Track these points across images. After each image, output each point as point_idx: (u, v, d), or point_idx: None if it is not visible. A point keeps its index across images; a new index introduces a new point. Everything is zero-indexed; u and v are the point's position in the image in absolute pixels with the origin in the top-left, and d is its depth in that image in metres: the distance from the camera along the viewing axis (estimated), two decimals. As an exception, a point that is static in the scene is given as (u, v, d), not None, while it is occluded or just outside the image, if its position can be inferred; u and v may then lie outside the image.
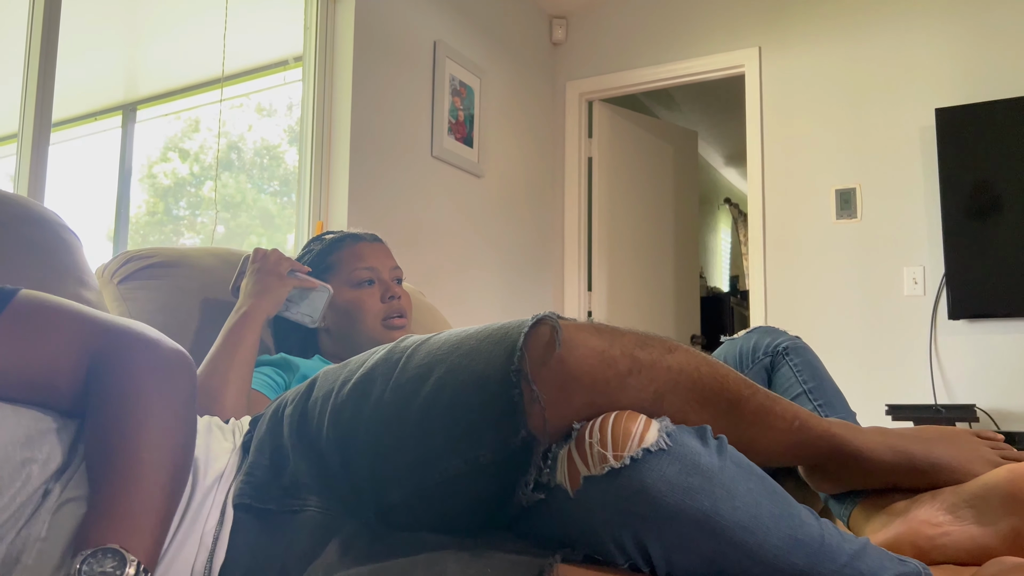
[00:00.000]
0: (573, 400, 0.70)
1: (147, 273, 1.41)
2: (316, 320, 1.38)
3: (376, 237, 1.54)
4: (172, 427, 0.74)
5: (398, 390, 0.73)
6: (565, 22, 4.03)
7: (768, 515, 0.67)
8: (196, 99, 3.62)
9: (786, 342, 1.18)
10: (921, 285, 3.15)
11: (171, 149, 3.72)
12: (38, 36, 1.95)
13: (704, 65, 3.66)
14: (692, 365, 0.74)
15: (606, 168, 4.04)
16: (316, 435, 0.77)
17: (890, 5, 3.31)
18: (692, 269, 4.44)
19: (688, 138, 4.53)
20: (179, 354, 0.79)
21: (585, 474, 0.67)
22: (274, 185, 3.73)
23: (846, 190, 3.32)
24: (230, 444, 0.86)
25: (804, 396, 1.13)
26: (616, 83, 3.90)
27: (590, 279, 3.95)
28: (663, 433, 0.67)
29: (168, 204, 3.73)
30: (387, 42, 2.95)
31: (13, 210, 1.16)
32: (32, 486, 0.70)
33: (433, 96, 3.16)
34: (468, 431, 0.69)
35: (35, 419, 0.74)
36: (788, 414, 0.81)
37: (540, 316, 0.71)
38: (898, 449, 0.87)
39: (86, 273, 1.23)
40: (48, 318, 0.77)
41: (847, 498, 0.93)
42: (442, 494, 0.72)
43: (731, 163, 6.67)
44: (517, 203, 3.70)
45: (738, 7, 3.62)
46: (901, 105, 3.26)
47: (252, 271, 1.36)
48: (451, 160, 3.23)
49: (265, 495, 0.79)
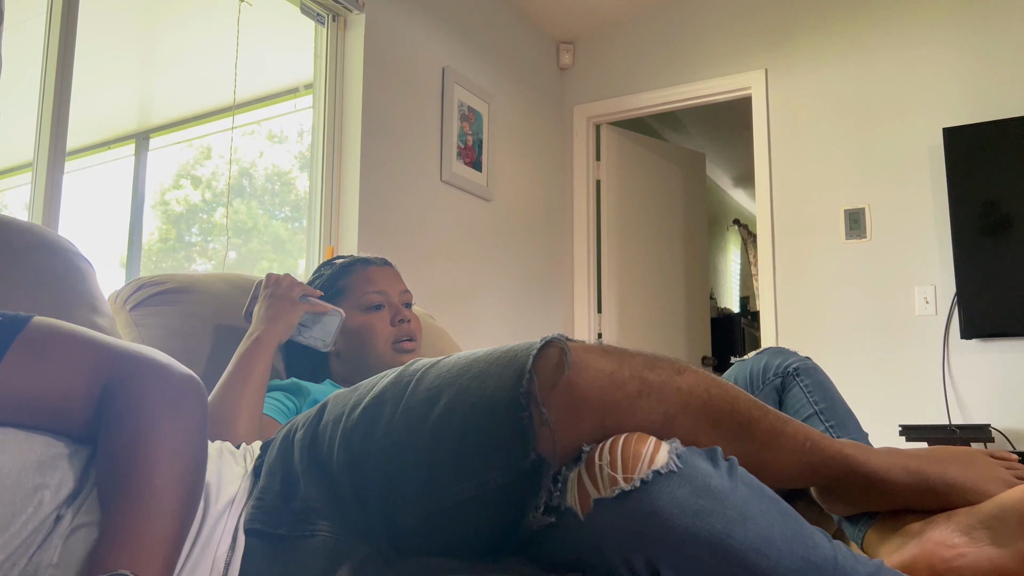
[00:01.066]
0: (583, 422, 0.69)
1: (159, 299, 1.42)
2: (328, 344, 1.38)
3: (386, 261, 1.55)
4: (183, 453, 0.74)
5: (408, 413, 0.73)
6: (572, 47, 4.07)
7: (781, 537, 0.66)
8: (208, 127, 3.67)
9: (797, 363, 1.18)
10: (932, 304, 3.13)
11: (183, 176, 3.76)
12: (53, 67, 1.99)
13: (711, 88, 3.68)
14: (702, 386, 0.74)
15: (614, 191, 4.05)
16: (327, 460, 0.78)
17: (895, 25, 3.33)
18: (702, 290, 4.44)
19: (696, 160, 4.54)
20: (191, 380, 0.79)
21: (595, 497, 0.66)
22: (285, 211, 3.76)
23: (855, 210, 3.31)
24: (241, 469, 0.86)
25: (815, 417, 1.12)
26: (623, 107, 3.92)
27: (600, 301, 3.95)
28: (673, 455, 0.66)
29: (180, 231, 3.77)
30: (396, 69, 2.98)
31: (28, 238, 1.17)
32: (44, 512, 0.71)
33: (442, 121, 3.19)
34: (478, 454, 0.69)
35: (47, 445, 0.75)
36: (799, 435, 0.80)
37: (549, 338, 0.71)
38: (912, 470, 0.86)
39: (99, 300, 1.24)
40: (61, 344, 0.77)
41: (861, 520, 0.92)
42: (452, 518, 0.71)
43: (739, 184, 6.68)
44: (526, 226, 3.71)
45: (743, 30, 3.64)
46: (909, 125, 3.26)
47: (264, 296, 1.37)
48: (460, 184, 3.25)
49: (276, 520, 0.79)
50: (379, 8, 2.93)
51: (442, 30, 3.24)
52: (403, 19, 3.04)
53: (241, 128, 3.55)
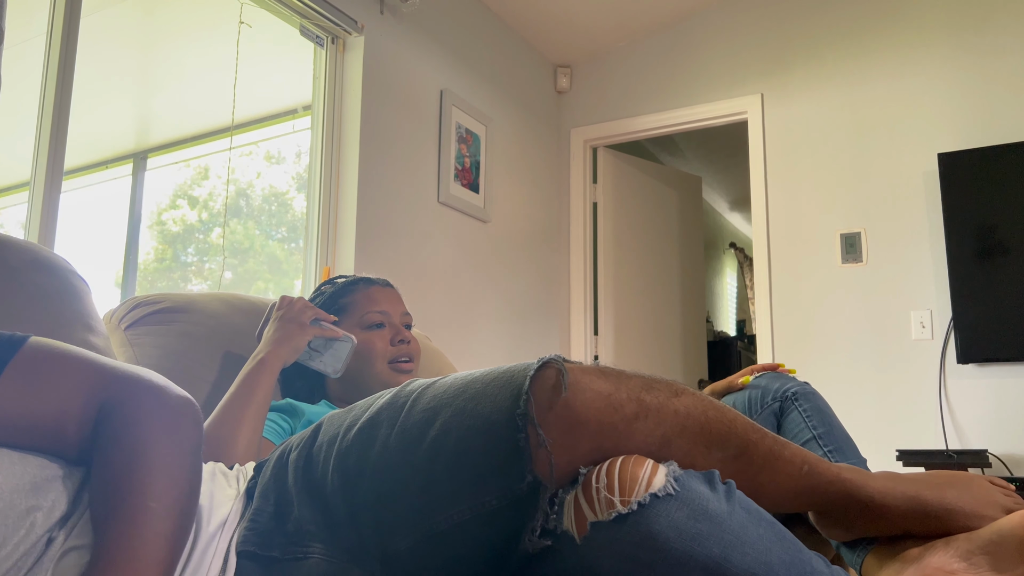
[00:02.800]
0: (579, 444, 0.69)
1: (154, 319, 1.42)
2: (339, 371, 1.37)
3: (388, 283, 1.56)
4: (178, 476, 0.74)
5: (403, 434, 0.73)
6: (569, 71, 4.10)
7: (779, 562, 0.66)
8: (206, 147, 3.68)
9: (795, 387, 1.18)
10: (929, 329, 3.13)
11: (180, 196, 3.76)
12: (53, 87, 2.00)
13: (707, 112, 3.71)
14: (699, 409, 0.74)
15: (611, 213, 4.07)
16: (321, 481, 0.77)
17: (890, 51, 3.36)
18: (699, 313, 4.44)
19: (692, 183, 4.56)
20: (186, 402, 0.79)
21: (592, 520, 0.66)
22: (282, 231, 3.76)
23: (851, 234, 3.32)
24: (234, 491, 0.86)
25: (814, 441, 1.12)
26: (620, 130, 3.94)
27: (596, 323, 3.95)
28: (671, 478, 0.66)
29: (176, 250, 3.76)
30: (394, 91, 3.00)
31: (24, 256, 1.17)
32: (36, 534, 0.70)
33: (440, 143, 3.20)
34: (474, 476, 0.69)
35: (41, 466, 0.74)
36: (797, 459, 0.80)
37: (546, 359, 0.71)
38: (910, 495, 0.86)
39: (94, 319, 1.23)
40: (57, 365, 0.77)
41: (859, 545, 0.91)
42: (448, 541, 0.71)
43: (736, 208, 6.71)
44: (523, 248, 3.72)
45: (739, 55, 3.67)
46: (904, 150, 3.28)
47: (275, 318, 1.36)
48: (457, 206, 3.26)
49: (269, 542, 0.78)
50: (378, 31, 2.95)
51: (440, 53, 3.26)
52: (402, 42, 3.06)
53: (239, 149, 3.56)
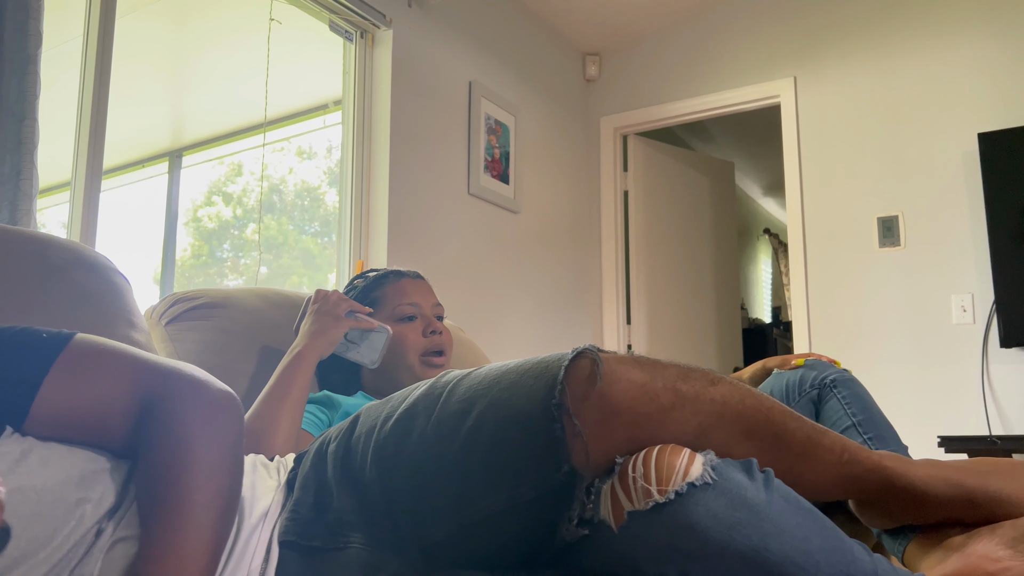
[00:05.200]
0: (615, 434, 0.69)
1: (193, 314, 1.44)
2: (376, 361, 1.38)
3: (419, 275, 1.56)
4: (220, 468, 0.75)
5: (439, 426, 0.73)
6: (598, 59, 4.07)
7: (819, 550, 0.65)
8: (239, 144, 3.72)
9: (833, 374, 1.16)
10: (970, 313, 3.07)
11: (215, 193, 3.81)
12: (90, 89, 2.03)
13: (738, 96, 3.66)
14: (736, 397, 0.73)
15: (642, 201, 4.04)
16: (359, 472, 0.78)
17: (927, 28, 3.29)
18: (733, 300, 4.40)
19: (725, 169, 4.52)
20: (227, 395, 0.80)
21: (629, 509, 0.66)
22: (315, 226, 3.80)
23: (888, 218, 3.27)
24: (275, 482, 0.87)
25: (853, 429, 1.10)
26: (650, 117, 3.91)
27: (629, 312, 3.93)
28: (708, 467, 0.66)
29: (212, 247, 3.82)
30: (423, 84, 3.01)
31: (67, 255, 1.19)
32: (85, 525, 0.72)
33: (469, 135, 3.21)
34: (510, 467, 0.69)
35: (89, 459, 0.76)
36: (836, 447, 0.79)
37: (580, 349, 0.71)
38: (953, 482, 0.84)
39: (135, 315, 1.26)
40: (102, 361, 0.79)
41: (901, 533, 0.90)
42: (485, 531, 0.71)
43: (769, 193, 6.62)
44: (554, 238, 3.71)
45: (771, 38, 3.62)
46: (942, 131, 3.21)
47: (311, 312, 1.38)
48: (488, 197, 3.26)
49: (310, 532, 0.79)
50: (406, 24, 2.95)
51: (468, 45, 3.26)
52: (430, 35, 3.06)
53: (271, 145, 3.60)
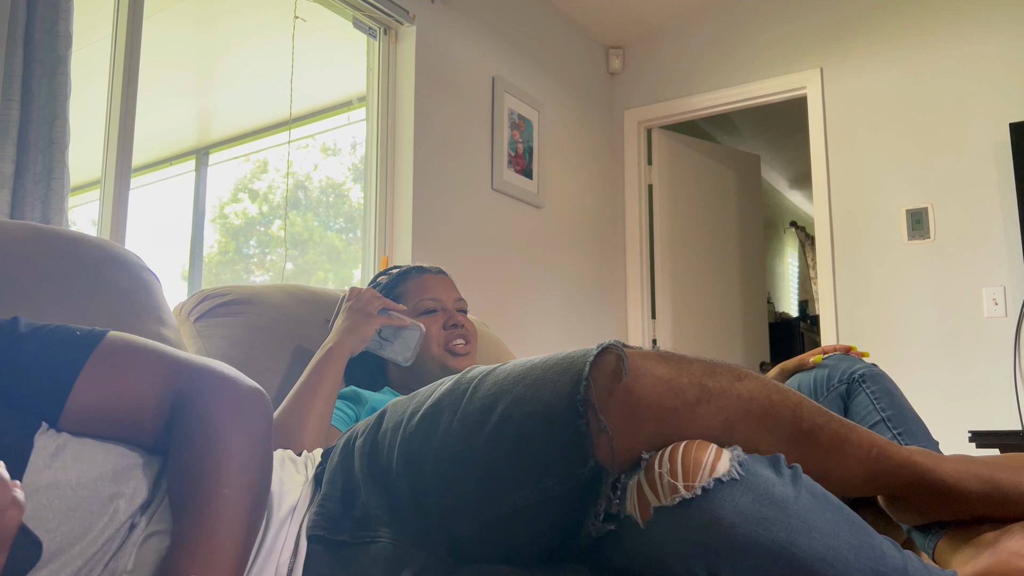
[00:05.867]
0: (641, 430, 0.69)
1: (222, 311, 1.46)
2: (409, 358, 1.39)
3: (441, 270, 1.57)
4: (250, 463, 0.76)
5: (465, 421, 0.74)
6: (622, 52, 4.05)
7: (847, 547, 0.65)
8: (264, 141, 3.76)
9: (862, 369, 1.15)
10: (1002, 306, 3.02)
11: (241, 190, 3.85)
12: (119, 88, 2.06)
13: (764, 89, 3.63)
14: (763, 393, 0.73)
15: (667, 195, 4.02)
16: (386, 467, 0.78)
17: (956, 17, 3.23)
18: (759, 294, 4.36)
19: (750, 162, 4.47)
20: (256, 391, 0.81)
21: (655, 505, 0.66)
22: (339, 222, 3.82)
23: (917, 210, 3.22)
24: (303, 477, 0.88)
25: (882, 424, 1.09)
26: (674, 110, 3.88)
27: (653, 307, 3.92)
28: (735, 462, 0.65)
29: (239, 243, 3.86)
30: (447, 80, 3.01)
31: (99, 253, 1.22)
32: (119, 520, 0.73)
33: (492, 130, 3.21)
34: (536, 462, 0.69)
35: (122, 455, 0.77)
36: (865, 442, 0.78)
37: (605, 344, 0.71)
38: (985, 478, 0.83)
39: (165, 312, 1.28)
40: (134, 358, 0.80)
41: (931, 529, 0.89)
42: (511, 526, 0.71)
43: (796, 186, 6.56)
44: (578, 232, 3.70)
45: (797, 29, 3.58)
46: (973, 121, 3.16)
47: (345, 309, 1.39)
48: (511, 192, 3.26)
49: (338, 527, 0.80)
50: (429, 20, 2.96)
51: (491, 40, 3.26)
52: (453, 30, 3.07)
53: (296, 142, 3.63)
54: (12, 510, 0.50)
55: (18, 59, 1.67)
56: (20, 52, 1.68)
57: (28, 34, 1.70)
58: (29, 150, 1.67)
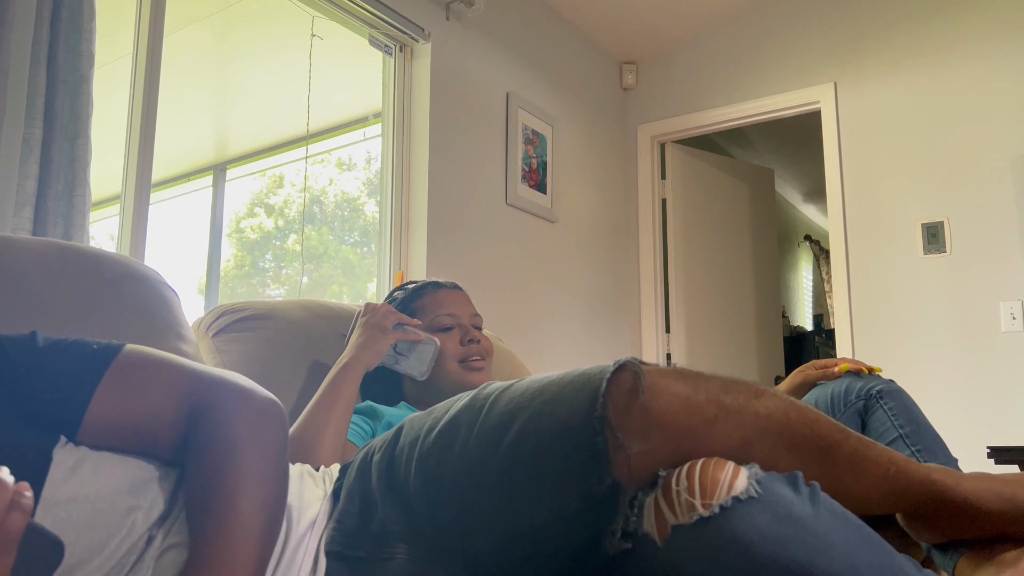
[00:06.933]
0: (658, 447, 0.69)
1: (239, 326, 1.47)
2: (424, 373, 1.40)
3: (457, 285, 1.58)
4: (266, 477, 0.76)
5: (482, 437, 0.74)
6: (635, 67, 4.06)
7: (867, 566, 0.64)
8: (281, 157, 3.79)
9: (880, 385, 1.14)
10: (1020, 320, 2.99)
11: (257, 204, 3.88)
12: (139, 107, 2.09)
13: (778, 103, 3.63)
14: (780, 410, 0.72)
15: (680, 209, 4.01)
16: (403, 483, 0.79)
17: (972, 31, 3.22)
18: (774, 308, 4.34)
19: (764, 176, 4.47)
20: (272, 403, 0.82)
21: (673, 523, 0.65)
22: (354, 236, 3.85)
23: (933, 224, 3.20)
24: (321, 491, 0.88)
25: (900, 441, 1.08)
26: (688, 124, 3.89)
27: (668, 321, 3.91)
28: (753, 480, 0.65)
29: (255, 257, 3.89)
30: (461, 96, 3.03)
31: (120, 269, 1.23)
32: (137, 533, 0.73)
33: (507, 145, 3.22)
34: (552, 479, 0.69)
35: (139, 468, 0.78)
36: (883, 460, 0.78)
37: (622, 362, 0.71)
38: (1006, 496, 0.82)
39: (184, 327, 1.29)
40: (151, 371, 0.81)
41: (951, 548, 0.88)
42: (528, 543, 0.71)
43: (810, 199, 6.53)
44: (592, 247, 3.70)
45: (811, 44, 3.58)
46: (990, 135, 3.14)
47: (360, 324, 1.40)
48: (525, 207, 3.27)
49: (355, 542, 0.80)
50: (444, 37, 2.98)
51: (505, 56, 3.28)
52: (467, 47, 3.09)
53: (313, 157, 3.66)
54: (15, 512, 0.50)
55: (41, 79, 1.70)
56: (43, 72, 1.71)
57: (51, 54, 1.73)
58: (52, 168, 1.69)
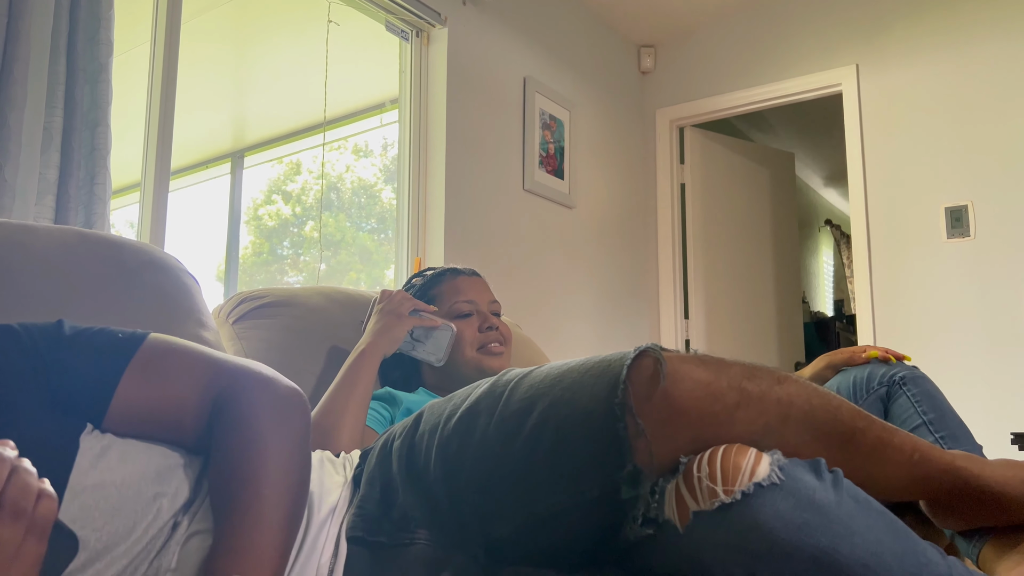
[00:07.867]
0: (679, 434, 0.68)
1: (259, 313, 1.48)
2: (441, 359, 1.41)
3: (475, 272, 1.57)
4: (289, 464, 0.77)
5: (502, 424, 0.74)
6: (653, 51, 4.03)
7: (890, 553, 0.64)
8: (298, 144, 3.80)
9: (903, 371, 1.13)
10: (1046, 305, 2.95)
11: (275, 192, 3.90)
12: (158, 95, 2.10)
13: (798, 86, 3.58)
14: (803, 397, 0.72)
15: (699, 194, 3.98)
16: (423, 469, 0.79)
17: (997, 13, 3.16)
18: (794, 294, 4.31)
19: (784, 160, 4.42)
20: (294, 391, 0.82)
21: (694, 509, 0.65)
22: (371, 223, 3.85)
23: (957, 207, 3.16)
24: (342, 478, 0.89)
25: (924, 427, 1.07)
26: (707, 108, 3.85)
27: (687, 307, 3.89)
28: (775, 467, 0.65)
29: (273, 244, 3.91)
30: (478, 81, 3.02)
31: (141, 257, 1.24)
32: (163, 519, 0.74)
33: (524, 131, 3.21)
34: (573, 465, 0.69)
35: (164, 455, 0.79)
36: (907, 446, 0.77)
37: (643, 348, 0.71)
38: (1031, 483, 0.82)
39: (204, 314, 1.30)
40: (175, 360, 0.81)
41: (975, 535, 0.87)
42: (549, 529, 0.71)
43: (831, 184, 6.46)
44: (610, 232, 3.69)
45: (832, 25, 3.53)
46: (1015, 115, 3.09)
47: (376, 311, 1.41)
48: (543, 193, 3.26)
49: (376, 528, 0.80)
50: (461, 22, 2.97)
51: (522, 41, 3.26)
52: (484, 32, 3.07)
53: (329, 144, 3.66)
54: (45, 500, 0.51)
55: (61, 68, 1.71)
56: (63, 61, 1.72)
57: (71, 43, 1.74)
58: (72, 156, 1.70)
